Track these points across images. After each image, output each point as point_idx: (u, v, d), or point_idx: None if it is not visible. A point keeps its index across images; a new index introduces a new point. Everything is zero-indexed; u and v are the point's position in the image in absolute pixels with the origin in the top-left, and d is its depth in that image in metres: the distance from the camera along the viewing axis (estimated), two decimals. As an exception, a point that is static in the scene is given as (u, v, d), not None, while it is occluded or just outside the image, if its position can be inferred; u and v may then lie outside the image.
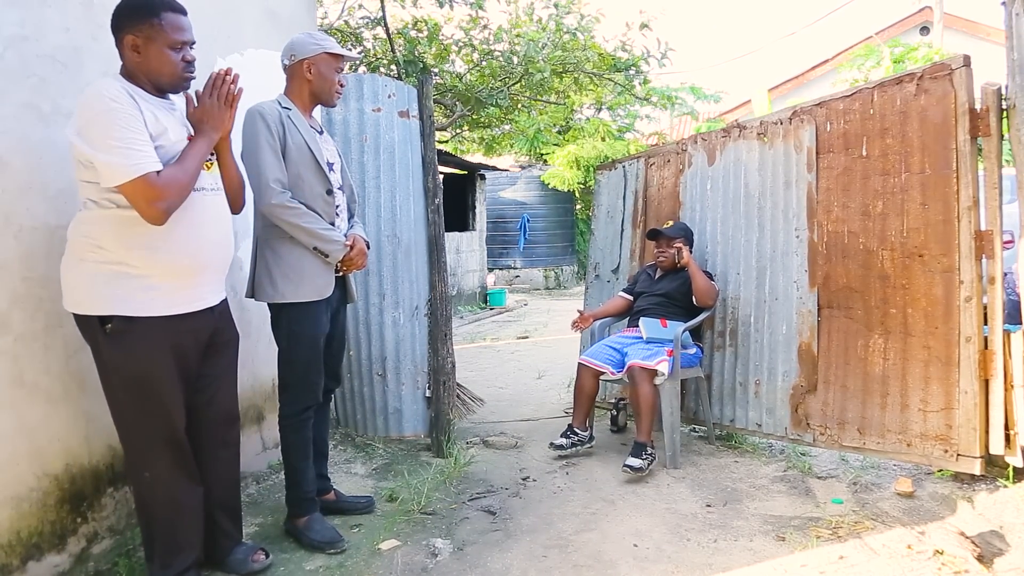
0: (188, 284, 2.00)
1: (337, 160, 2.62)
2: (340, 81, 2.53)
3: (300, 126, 2.43)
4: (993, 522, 2.48)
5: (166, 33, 1.91)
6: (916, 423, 2.84)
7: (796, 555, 2.39)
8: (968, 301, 2.69)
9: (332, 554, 2.45)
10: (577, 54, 7.35)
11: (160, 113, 1.93)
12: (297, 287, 2.40)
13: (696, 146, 3.93)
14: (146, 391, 1.96)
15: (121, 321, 1.89)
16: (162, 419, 2.00)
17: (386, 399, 3.62)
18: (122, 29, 1.92)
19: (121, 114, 1.79)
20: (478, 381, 5.38)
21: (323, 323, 2.51)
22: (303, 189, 2.40)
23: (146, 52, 1.92)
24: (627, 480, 3.16)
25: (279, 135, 2.36)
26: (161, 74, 1.95)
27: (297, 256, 2.40)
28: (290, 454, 2.54)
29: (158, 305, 1.93)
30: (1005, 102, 2.62)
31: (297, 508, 2.56)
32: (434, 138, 3.70)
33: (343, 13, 6.98)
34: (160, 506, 2.05)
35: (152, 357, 1.94)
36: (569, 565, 2.38)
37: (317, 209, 2.42)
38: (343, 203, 2.62)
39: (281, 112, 2.42)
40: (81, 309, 1.92)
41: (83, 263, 1.89)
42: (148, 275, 1.91)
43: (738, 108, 15.08)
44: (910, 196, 2.89)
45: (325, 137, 2.60)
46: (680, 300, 3.61)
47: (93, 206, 1.88)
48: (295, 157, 2.39)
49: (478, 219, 11.52)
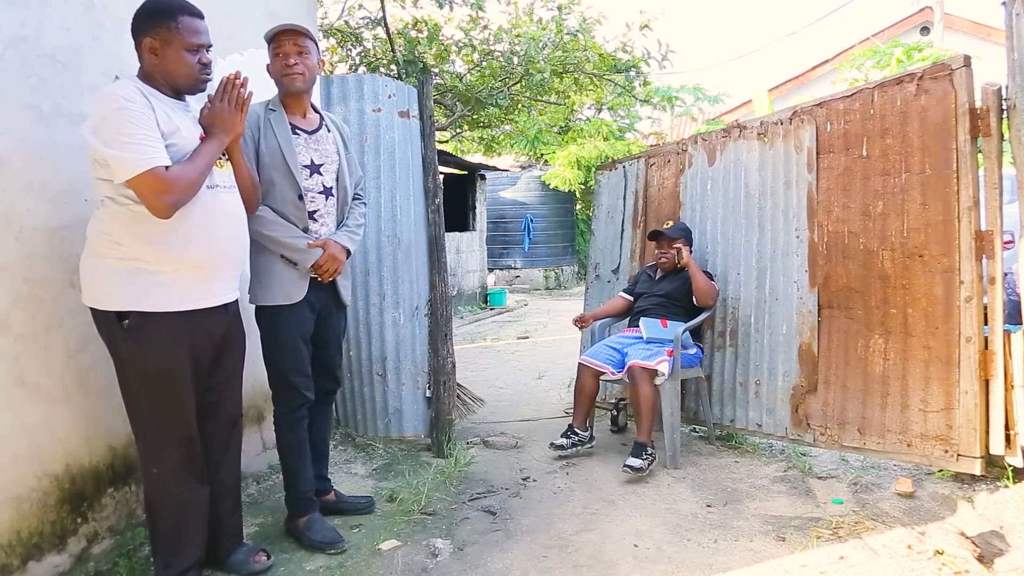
0: (203, 280, 2.03)
1: (329, 161, 2.52)
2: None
3: (278, 129, 2.41)
4: (993, 522, 2.48)
5: (183, 36, 1.96)
6: (916, 423, 2.84)
7: (796, 555, 2.39)
8: (968, 301, 2.69)
9: (332, 554, 2.45)
10: (577, 55, 7.36)
11: (174, 113, 1.97)
12: (267, 291, 2.44)
13: (696, 146, 3.93)
14: (161, 387, 1.98)
15: (137, 317, 1.92)
16: (175, 416, 2.02)
17: (386, 399, 3.63)
18: (141, 32, 1.97)
19: (133, 112, 1.83)
20: (478, 381, 5.38)
21: (301, 325, 2.48)
22: (274, 194, 2.40)
23: (163, 55, 1.96)
24: (627, 480, 3.16)
25: (253, 139, 2.37)
26: (178, 76, 2.00)
27: (266, 260, 2.43)
28: (285, 453, 2.55)
29: (174, 300, 1.96)
30: (1005, 102, 2.62)
31: (296, 508, 2.56)
32: (434, 138, 3.70)
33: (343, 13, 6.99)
34: (165, 504, 2.06)
35: (168, 353, 1.97)
36: (569, 565, 2.38)
37: (288, 214, 2.41)
38: (331, 207, 2.53)
39: (262, 115, 2.41)
40: (99, 304, 1.95)
41: (102, 259, 1.93)
42: (163, 271, 1.94)
43: (738, 108, 15.07)
44: (910, 196, 2.89)
45: (318, 137, 2.52)
46: (680, 300, 3.61)
47: (110, 203, 1.91)
48: (267, 161, 2.38)
49: (478, 219, 11.52)
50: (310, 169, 2.47)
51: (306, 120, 2.52)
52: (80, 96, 2.21)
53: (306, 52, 2.43)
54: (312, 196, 2.47)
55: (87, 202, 2.21)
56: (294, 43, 2.41)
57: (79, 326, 2.18)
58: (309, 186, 2.46)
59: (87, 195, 2.21)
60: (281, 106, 2.46)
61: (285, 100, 2.47)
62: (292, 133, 2.44)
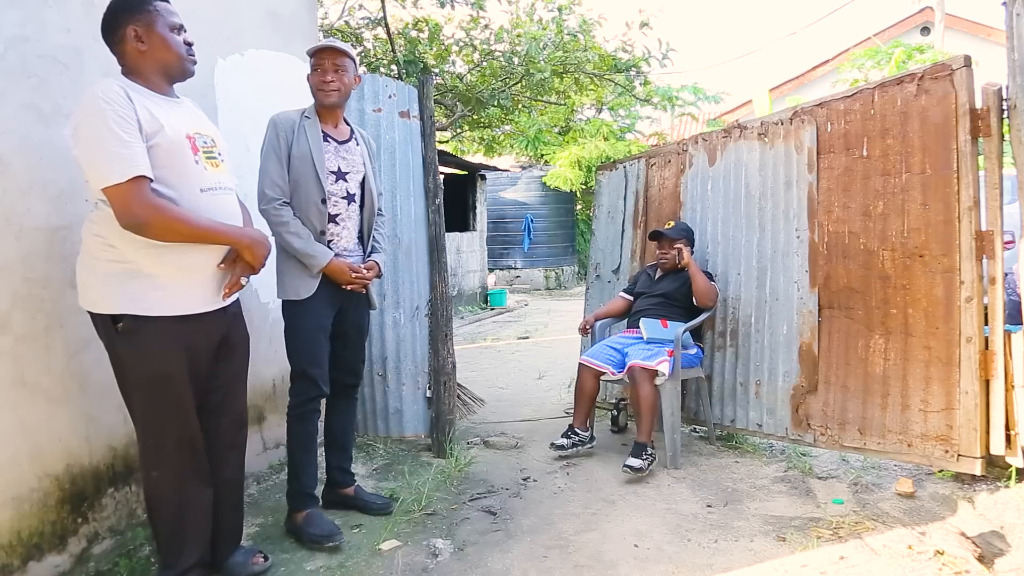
0: (198, 284, 2.00)
1: (355, 170, 2.65)
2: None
3: (311, 135, 2.55)
4: (994, 522, 2.48)
5: (163, 15, 1.97)
6: (917, 423, 2.84)
7: (797, 555, 2.39)
8: (969, 301, 2.69)
9: (330, 548, 2.47)
10: (578, 55, 7.35)
11: (158, 110, 1.91)
12: (281, 286, 2.60)
13: (697, 146, 3.93)
14: (157, 390, 1.97)
15: (131, 320, 1.90)
16: (174, 418, 2.00)
17: (387, 399, 3.63)
18: (120, 24, 1.93)
19: (109, 115, 1.78)
20: (479, 381, 5.38)
21: (318, 319, 2.59)
22: (300, 195, 2.54)
23: (150, 39, 1.94)
24: (627, 480, 3.16)
25: (287, 142, 2.52)
26: (168, 59, 1.98)
27: (282, 257, 2.59)
28: (292, 445, 2.62)
29: (167, 305, 1.93)
30: (1006, 102, 2.62)
31: (296, 502, 2.60)
32: (434, 138, 3.70)
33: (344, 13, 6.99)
34: (165, 505, 2.05)
35: (162, 356, 1.95)
36: (570, 565, 2.38)
37: (310, 215, 2.54)
38: (352, 212, 2.66)
39: (297, 121, 2.55)
40: (94, 307, 1.93)
41: (96, 262, 1.91)
42: (157, 274, 1.92)
43: (739, 108, 15.08)
44: (911, 196, 2.89)
45: (348, 147, 2.65)
46: (680, 300, 3.61)
47: (103, 205, 1.87)
48: (297, 165, 2.53)
49: (479, 219, 11.52)
50: (336, 175, 2.60)
51: (337, 130, 2.66)
52: (80, 96, 2.21)
53: (343, 69, 2.57)
54: (335, 201, 2.60)
55: (87, 202, 2.21)
56: (332, 61, 2.56)
57: (79, 326, 2.18)
58: (333, 191, 2.59)
59: (87, 195, 2.21)
60: (316, 115, 2.60)
61: (319, 110, 2.61)
62: (323, 140, 2.58)
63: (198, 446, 2.07)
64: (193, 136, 1.98)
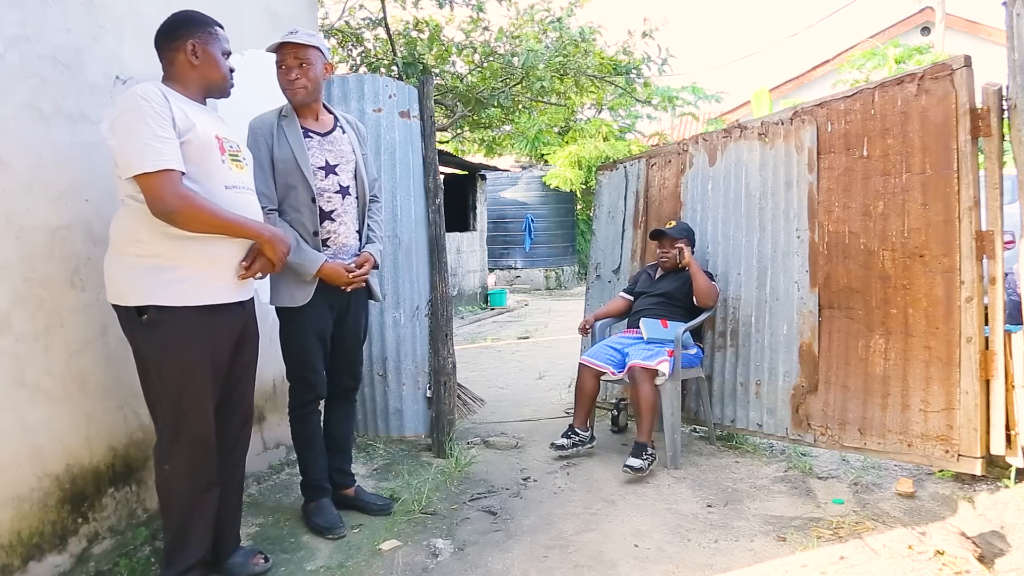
0: (220, 275, 2.04)
1: (344, 161, 2.57)
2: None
3: (290, 134, 2.47)
4: (994, 522, 2.48)
5: (220, 40, 2.12)
6: (917, 423, 2.84)
7: (797, 555, 2.39)
8: (969, 301, 2.69)
9: (331, 539, 2.54)
10: (578, 59, 7.35)
11: (191, 111, 2.00)
12: (276, 293, 2.55)
13: (697, 146, 3.93)
14: (180, 382, 1.99)
15: (156, 311, 1.94)
16: (194, 413, 2.02)
17: (387, 399, 3.63)
18: (181, 36, 2.04)
19: (148, 111, 1.86)
20: (479, 381, 5.38)
21: (315, 324, 2.55)
22: (290, 197, 2.48)
23: (204, 56, 2.06)
24: (628, 480, 3.16)
25: (267, 146, 2.45)
26: (214, 78, 2.10)
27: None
28: (297, 444, 2.70)
29: (191, 295, 1.97)
30: (1006, 102, 2.62)
31: (308, 493, 2.70)
32: (435, 138, 3.70)
33: (344, 13, 6.99)
34: (173, 501, 2.06)
35: (186, 347, 1.98)
36: (570, 565, 2.38)
37: (303, 216, 2.48)
38: (349, 205, 2.58)
39: (275, 122, 2.47)
40: (121, 301, 1.97)
41: (124, 257, 1.96)
42: (182, 266, 1.96)
43: (739, 108, 15.08)
44: (911, 196, 2.89)
45: (333, 138, 2.57)
46: (681, 300, 3.61)
47: (130, 201, 1.93)
48: (282, 167, 2.46)
49: (479, 219, 11.53)
50: (325, 170, 2.52)
51: (319, 122, 2.57)
52: (81, 96, 2.22)
53: (308, 63, 2.46)
54: (328, 196, 2.52)
55: (88, 202, 2.22)
56: (294, 56, 2.45)
57: (79, 326, 2.18)
58: (325, 187, 2.51)
59: (87, 195, 2.22)
60: (293, 112, 2.52)
61: (295, 106, 2.54)
62: (305, 136, 2.50)
63: (211, 443, 2.08)
64: (221, 138, 2.07)
